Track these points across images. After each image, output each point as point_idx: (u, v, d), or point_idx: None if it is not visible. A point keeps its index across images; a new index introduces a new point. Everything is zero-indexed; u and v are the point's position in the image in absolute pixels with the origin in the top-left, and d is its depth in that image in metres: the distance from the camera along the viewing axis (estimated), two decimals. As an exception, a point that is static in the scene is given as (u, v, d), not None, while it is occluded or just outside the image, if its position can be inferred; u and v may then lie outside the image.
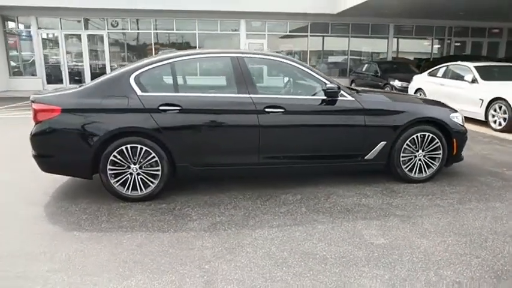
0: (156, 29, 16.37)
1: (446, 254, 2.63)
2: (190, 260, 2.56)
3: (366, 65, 14.42)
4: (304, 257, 2.60)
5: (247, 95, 3.65)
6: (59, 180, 4.18)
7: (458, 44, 17.56)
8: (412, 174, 4.04)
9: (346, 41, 17.43)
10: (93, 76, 16.12)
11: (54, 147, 3.52)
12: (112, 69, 16.35)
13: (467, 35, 17.12)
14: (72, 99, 3.51)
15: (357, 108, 3.82)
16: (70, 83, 16.04)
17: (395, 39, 17.66)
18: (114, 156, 3.48)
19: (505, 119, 6.94)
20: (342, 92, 3.79)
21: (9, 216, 3.29)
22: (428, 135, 3.97)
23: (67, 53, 16.09)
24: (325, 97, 3.76)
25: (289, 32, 17.14)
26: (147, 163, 3.54)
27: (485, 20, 16.36)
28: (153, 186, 3.59)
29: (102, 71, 16.13)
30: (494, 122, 7.18)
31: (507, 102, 6.87)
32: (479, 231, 2.97)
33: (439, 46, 18.09)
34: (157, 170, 3.56)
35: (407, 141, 3.94)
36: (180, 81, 3.69)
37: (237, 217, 3.26)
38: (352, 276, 2.36)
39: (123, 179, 3.54)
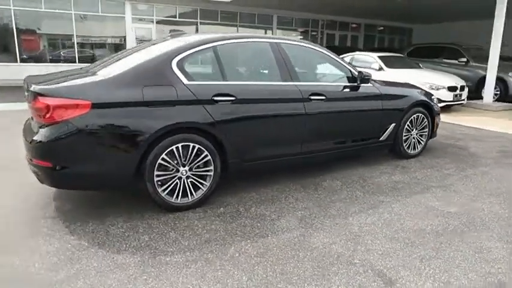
0: (15, 6, 13.32)
1: (506, 211, 3.18)
2: (332, 258, 2.40)
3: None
4: (419, 233, 2.75)
5: (292, 83, 3.51)
6: (45, 194, 3.22)
7: (323, 36, 19.88)
8: (409, 151, 4.61)
9: (235, 31, 17.73)
10: None
11: (81, 155, 2.69)
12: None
13: (336, 28, 19.62)
14: (104, 91, 2.72)
15: (376, 94, 4.11)
16: None
17: (277, 30, 18.88)
18: (163, 159, 2.88)
19: (411, 101, 8.40)
20: (366, 79, 4.02)
21: (68, 256, 2.39)
22: (421, 116, 4.57)
23: None
24: (356, 84, 3.92)
25: (179, 17, 16.42)
26: (198, 163, 3.05)
27: (348, 15, 19.05)
28: (204, 189, 3.13)
29: None
30: (402, 103, 8.59)
31: (412, 86, 8.31)
32: (500, 191, 3.65)
33: (301, 37, 20.01)
34: (209, 170, 3.11)
35: (407, 122, 4.46)
36: (225, 68, 3.25)
37: (313, 209, 3.16)
38: (473, 241, 2.64)
39: (172, 185, 2.98)
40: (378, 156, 4.66)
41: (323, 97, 3.64)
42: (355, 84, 3.96)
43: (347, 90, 3.92)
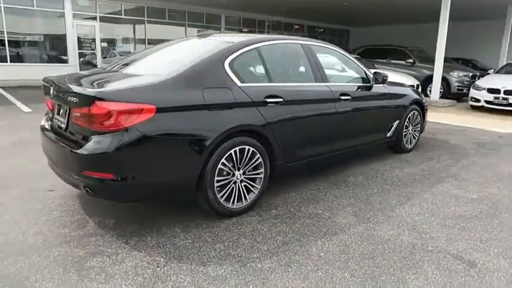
0: None
1: (516, 194, 3.64)
2: (410, 248, 2.56)
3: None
4: (463, 219, 3.04)
5: (324, 84, 3.61)
6: (70, 211, 2.93)
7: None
8: (408, 146, 4.99)
9: (183, 30, 17.31)
10: None
11: (145, 164, 2.50)
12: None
13: (281, 29, 20.17)
14: (167, 94, 2.55)
15: (385, 93, 4.39)
16: None
17: (225, 30, 18.85)
18: (222, 163, 2.80)
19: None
20: (377, 78, 4.28)
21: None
22: (416, 113, 4.98)
23: None
24: (370, 84, 4.16)
25: (124, 15, 15.54)
26: (250, 166, 3.01)
27: (292, 17, 19.72)
28: (256, 192, 3.09)
29: None
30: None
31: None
32: (499, 177, 4.15)
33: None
34: (260, 173, 3.09)
35: (407, 119, 4.82)
36: (269, 69, 3.22)
37: (358, 204, 3.30)
38: (510, 222, 2.99)
39: (228, 190, 2.90)
40: (377, 152, 4.96)
41: (349, 97, 3.80)
42: (370, 84, 4.20)
43: (365, 89, 4.14)
